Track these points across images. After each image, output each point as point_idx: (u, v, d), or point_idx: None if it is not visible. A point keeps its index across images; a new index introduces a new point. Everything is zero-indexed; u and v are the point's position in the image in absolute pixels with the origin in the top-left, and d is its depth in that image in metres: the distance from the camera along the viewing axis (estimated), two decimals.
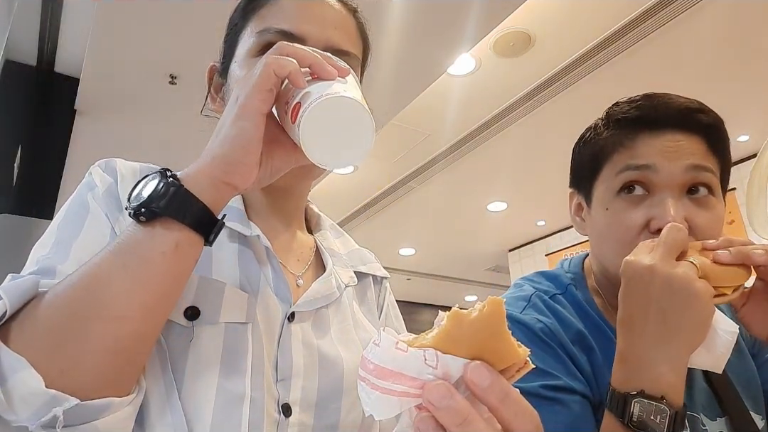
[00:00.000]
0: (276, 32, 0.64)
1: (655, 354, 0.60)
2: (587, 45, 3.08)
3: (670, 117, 0.77)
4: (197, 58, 2.72)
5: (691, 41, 3.04)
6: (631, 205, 0.75)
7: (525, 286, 0.84)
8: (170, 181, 0.49)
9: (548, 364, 0.71)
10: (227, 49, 0.71)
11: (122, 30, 2.63)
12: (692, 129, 0.76)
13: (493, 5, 2.53)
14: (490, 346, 0.37)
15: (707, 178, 0.74)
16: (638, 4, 2.81)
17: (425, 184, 4.79)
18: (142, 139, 3.49)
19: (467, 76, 3.32)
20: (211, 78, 0.74)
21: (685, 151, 0.74)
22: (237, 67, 0.67)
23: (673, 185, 0.73)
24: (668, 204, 0.71)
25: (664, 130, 0.76)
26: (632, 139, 0.78)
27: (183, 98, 3.07)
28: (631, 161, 0.76)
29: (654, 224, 0.71)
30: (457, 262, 6.85)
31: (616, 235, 0.76)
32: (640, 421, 0.59)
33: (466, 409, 0.36)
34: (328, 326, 0.68)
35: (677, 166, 0.73)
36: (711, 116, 0.78)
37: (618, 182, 0.76)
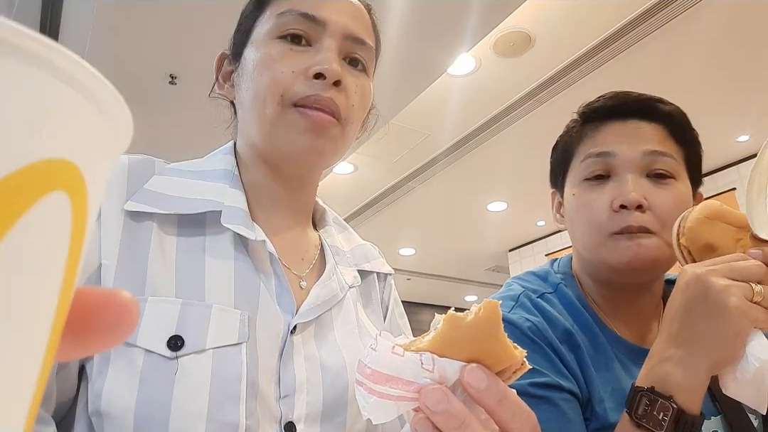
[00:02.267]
0: (298, 15, 0.65)
1: (672, 354, 0.61)
2: (587, 45, 3.07)
3: (630, 105, 0.82)
4: (197, 58, 2.73)
5: (691, 41, 3.04)
6: (595, 188, 0.79)
7: (514, 286, 0.86)
8: None
9: (536, 362, 0.71)
10: (240, 37, 0.71)
11: (122, 30, 2.63)
12: (651, 117, 0.80)
13: (493, 5, 2.53)
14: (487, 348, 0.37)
15: (666, 163, 0.77)
16: (638, 5, 2.81)
17: (425, 184, 4.79)
18: (142, 139, 3.49)
19: (467, 76, 3.31)
20: (219, 66, 0.73)
21: (644, 137, 0.79)
22: (254, 49, 0.67)
23: (632, 168, 0.77)
24: (628, 181, 0.75)
25: (625, 119, 0.81)
26: (595, 128, 0.83)
27: (183, 98, 3.07)
28: (593, 149, 0.81)
29: (616, 202, 0.75)
30: (457, 262, 6.85)
31: (584, 217, 0.80)
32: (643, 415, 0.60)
33: (462, 412, 0.36)
34: (331, 330, 0.66)
35: (636, 150, 0.78)
36: (670, 106, 0.82)
37: (583, 170, 0.81)
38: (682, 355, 0.60)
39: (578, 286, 0.86)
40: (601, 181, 0.79)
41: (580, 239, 0.83)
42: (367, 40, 0.69)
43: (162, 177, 0.65)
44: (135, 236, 0.59)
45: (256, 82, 0.64)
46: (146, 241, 0.59)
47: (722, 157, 4.42)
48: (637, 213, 0.74)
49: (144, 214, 0.60)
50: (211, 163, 0.70)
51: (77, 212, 0.14)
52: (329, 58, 0.63)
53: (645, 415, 0.60)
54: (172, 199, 0.62)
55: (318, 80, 0.63)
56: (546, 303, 0.81)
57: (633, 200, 0.74)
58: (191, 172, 0.68)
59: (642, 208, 0.74)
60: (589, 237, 0.80)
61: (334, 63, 0.63)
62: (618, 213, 0.75)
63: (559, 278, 0.87)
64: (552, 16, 2.88)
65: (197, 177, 0.67)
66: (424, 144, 4.14)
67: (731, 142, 4.20)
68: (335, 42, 0.65)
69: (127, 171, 0.63)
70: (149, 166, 0.66)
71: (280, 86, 0.63)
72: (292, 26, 0.65)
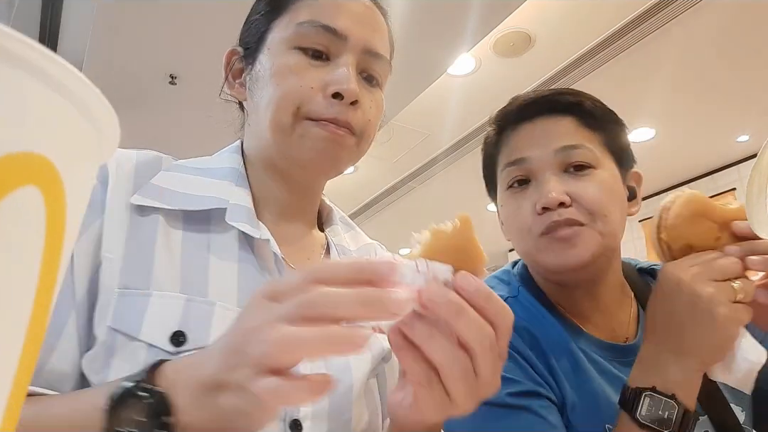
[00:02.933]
0: (319, 27, 0.64)
1: (668, 358, 0.62)
2: (587, 45, 3.08)
3: (535, 107, 0.81)
4: (197, 58, 2.74)
5: (691, 41, 3.04)
6: (519, 196, 0.79)
7: None
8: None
9: (509, 371, 0.71)
10: (253, 35, 0.70)
11: (122, 30, 2.63)
12: (558, 112, 0.79)
13: (493, 5, 2.53)
14: (464, 252, 0.45)
15: (580, 154, 0.76)
16: (638, 5, 2.81)
17: (425, 184, 4.79)
18: (142, 139, 3.49)
19: (467, 76, 3.32)
20: (229, 62, 0.72)
21: (553, 134, 0.78)
22: (270, 55, 0.66)
23: (549, 168, 0.76)
24: (545, 185, 0.74)
25: (532, 121, 0.80)
26: (508, 135, 0.83)
27: (183, 98, 3.07)
28: (508, 158, 0.81)
29: (538, 205, 0.74)
30: None
31: (513, 225, 0.80)
32: (649, 415, 0.60)
33: (460, 300, 0.41)
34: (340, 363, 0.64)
35: (547, 150, 0.77)
36: (577, 96, 0.81)
37: (504, 180, 0.82)
38: (677, 358, 0.62)
39: (537, 286, 0.85)
40: (523, 187, 0.79)
41: (516, 247, 0.83)
42: (385, 54, 0.70)
43: (168, 173, 0.65)
44: (141, 230, 0.59)
45: (272, 92, 0.64)
46: (152, 234, 0.59)
47: (722, 157, 4.42)
48: (561, 210, 0.73)
49: (150, 208, 0.60)
50: (218, 161, 0.70)
51: (52, 209, 0.14)
52: (348, 77, 0.63)
53: (650, 414, 0.60)
54: (178, 195, 0.62)
55: (336, 99, 0.63)
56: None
57: (553, 200, 0.73)
58: (197, 169, 0.68)
59: (565, 205, 0.73)
60: (521, 243, 0.80)
61: (353, 82, 0.63)
62: (542, 215, 0.74)
63: (517, 280, 0.87)
64: (552, 16, 2.88)
65: (203, 174, 0.67)
66: (424, 144, 4.15)
67: (731, 142, 4.20)
68: (354, 57, 0.65)
69: (134, 166, 0.63)
70: (156, 162, 0.67)
71: (296, 99, 0.63)
72: (312, 40, 0.64)
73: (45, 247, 0.14)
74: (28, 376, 0.15)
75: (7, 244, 0.13)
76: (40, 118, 0.13)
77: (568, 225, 0.73)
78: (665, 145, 4.07)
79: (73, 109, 0.14)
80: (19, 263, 0.13)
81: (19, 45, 0.12)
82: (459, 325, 0.40)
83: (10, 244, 0.13)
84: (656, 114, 3.68)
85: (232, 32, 0.76)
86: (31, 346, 0.14)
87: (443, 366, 0.41)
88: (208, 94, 0.74)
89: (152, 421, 0.41)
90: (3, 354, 0.13)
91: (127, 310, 0.54)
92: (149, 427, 0.41)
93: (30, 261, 0.14)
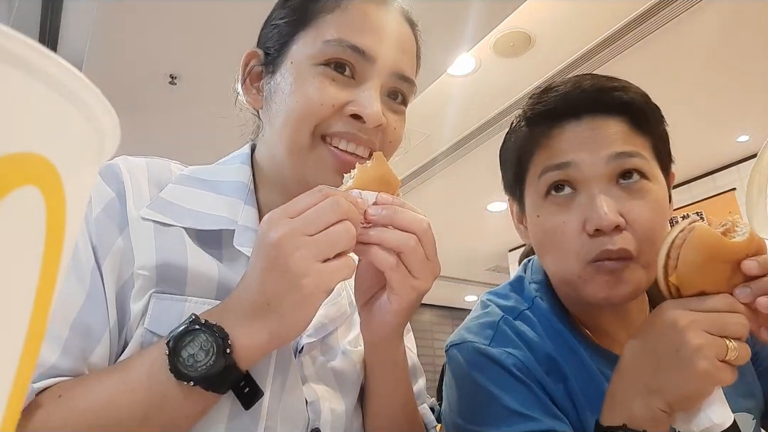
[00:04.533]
0: (348, 47, 0.62)
1: (634, 395, 0.60)
2: (587, 45, 3.07)
3: (580, 103, 0.71)
4: (197, 58, 2.74)
5: (691, 41, 3.04)
6: (562, 208, 0.70)
7: (491, 307, 0.80)
8: (228, 361, 0.49)
9: (527, 407, 0.68)
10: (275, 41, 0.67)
11: (122, 30, 2.63)
12: (608, 111, 0.70)
13: (493, 5, 2.53)
14: (383, 179, 0.59)
15: (634, 163, 0.68)
16: (638, 5, 2.81)
17: (425, 184, 4.79)
18: (142, 139, 3.49)
19: (467, 76, 3.32)
20: (248, 64, 0.70)
21: (604, 138, 0.69)
22: (293, 69, 0.64)
23: (599, 178, 0.68)
24: (598, 202, 0.66)
25: (578, 119, 0.70)
26: (547, 135, 0.72)
27: (183, 98, 3.07)
28: (550, 161, 0.71)
29: (589, 226, 0.66)
30: (457, 262, 6.85)
31: (554, 244, 0.70)
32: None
33: (394, 201, 0.58)
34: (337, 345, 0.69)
35: (598, 157, 0.68)
36: (628, 92, 0.71)
37: (543, 185, 0.71)
38: (642, 396, 0.59)
39: (554, 295, 0.79)
40: (565, 196, 0.70)
41: (551, 267, 0.75)
42: (412, 75, 0.68)
43: (178, 186, 0.65)
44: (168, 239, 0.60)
45: (291, 108, 0.63)
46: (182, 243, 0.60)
47: (722, 157, 4.42)
48: (615, 235, 0.66)
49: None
50: (227, 173, 0.69)
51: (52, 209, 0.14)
52: (372, 101, 0.62)
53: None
54: (188, 212, 0.63)
55: (355, 120, 0.62)
56: (525, 324, 0.76)
57: (609, 223, 0.65)
58: (206, 182, 0.67)
59: (619, 228, 0.66)
60: (562, 266, 0.71)
61: (377, 107, 0.62)
62: (594, 238, 0.66)
63: (534, 289, 0.80)
64: (552, 16, 2.88)
65: (212, 188, 0.67)
66: (424, 144, 4.14)
67: (731, 142, 4.20)
68: (380, 80, 0.64)
69: (147, 178, 0.64)
70: (166, 171, 0.67)
71: (315, 117, 0.62)
72: (338, 56, 0.63)
73: (45, 247, 0.14)
74: (29, 375, 0.15)
75: (7, 244, 0.13)
76: (40, 118, 0.13)
77: (620, 257, 0.66)
78: None
79: (73, 109, 0.14)
80: (19, 263, 0.13)
81: (19, 45, 0.12)
82: (398, 219, 0.55)
83: (10, 244, 0.13)
84: None
85: (232, 32, 0.76)
86: (32, 346, 0.14)
87: (400, 245, 0.55)
88: (208, 94, 0.74)
89: (215, 349, 0.48)
90: (3, 354, 0.13)
91: (164, 313, 0.56)
92: (213, 354, 0.48)
93: (30, 261, 0.14)
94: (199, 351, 0.48)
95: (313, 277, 0.48)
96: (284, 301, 0.49)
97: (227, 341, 0.49)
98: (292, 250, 0.48)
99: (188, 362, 0.48)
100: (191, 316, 0.51)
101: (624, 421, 0.59)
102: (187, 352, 0.48)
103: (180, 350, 0.48)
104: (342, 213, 0.51)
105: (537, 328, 0.75)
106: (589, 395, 0.70)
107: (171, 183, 0.65)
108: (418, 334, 6.88)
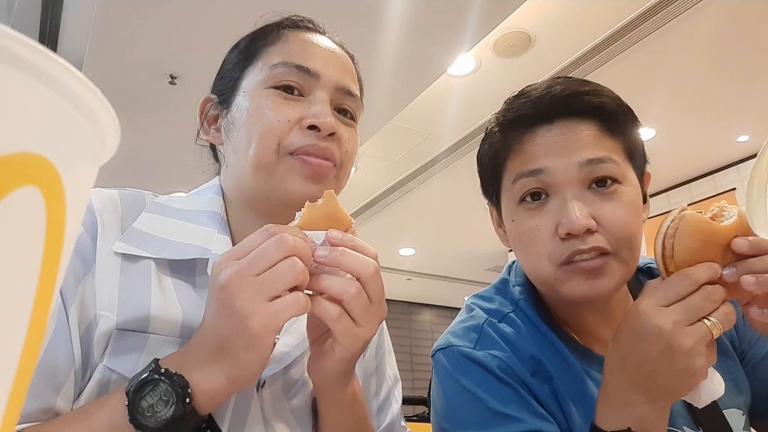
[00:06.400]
0: (293, 66, 0.67)
1: (639, 399, 0.61)
2: (587, 45, 3.07)
3: (551, 108, 0.71)
4: (197, 58, 2.73)
5: (691, 41, 3.04)
6: (535, 213, 0.71)
7: (475, 311, 0.81)
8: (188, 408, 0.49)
9: (512, 408, 0.68)
10: (227, 83, 0.72)
11: (122, 30, 2.63)
12: (579, 115, 0.70)
13: (493, 5, 2.53)
14: (333, 218, 0.56)
15: (606, 169, 0.68)
16: (638, 5, 2.81)
17: (425, 184, 4.79)
18: (142, 139, 3.49)
19: (467, 76, 3.32)
20: (203, 110, 0.74)
21: (576, 143, 0.69)
22: (247, 98, 0.68)
23: (571, 183, 0.68)
24: (570, 206, 0.67)
25: (549, 124, 0.71)
26: (520, 141, 0.73)
27: (183, 98, 3.07)
28: (523, 167, 0.71)
29: (561, 229, 0.67)
30: (457, 262, 6.85)
31: (528, 248, 0.72)
32: None
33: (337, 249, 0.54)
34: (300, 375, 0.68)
35: (570, 162, 0.68)
36: (599, 96, 0.71)
37: (517, 192, 0.72)
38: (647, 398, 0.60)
39: (537, 296, 0.79)
40: (539, 202, 0.71)
41: (528, 271, 0.76)
42: (356, 91, 0.72)
43: (151, 215, 0.66)
44: (133, 275, 0.60)
45: (250, 131, 0.66)
46: (146, 279, 0.60)
47: (722, 157, 4.42)
48: (587, 237, 0.66)
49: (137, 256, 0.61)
50: (201, 203, 0.71)
51: (52, 209, 0.14)
52: (324, 111, 0.65)
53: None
54: (161, 242, 0.63)
55: (312, 131, 0.65)
56: (509, 326, 0.76)
57: (580, 227, 0.65)
58: (180, 211, 0.68)
59: (591, 231, 0.66)
60: (537, 269, 0.72)
61: (329, 116, 0.66)
62: (565, 241, 0.67)
63: (518, 292, 0.80)
64: (552, 16, 2.88)
65: (186, 218, 0.68)
66: (424, 144, 4.14)
67: (731, 142, 4.20)
68: (327, 94, 0.68)
69: (120, 209, 0.64)
70: (139, 201, 0.68)
71: (275, 135, 0.64)
72: (285, 78, 0.67)
73: (45, 247, 0.14)
74: (29, 375, 0.15)
75: (7, 244, 0.13)
76: (40, 118, 0.13)
77: (594, 255, 0.66)
78: (665, 145, 4.07)
79: (73, 109, 0.14)
80: (19, 263, 0.13)
81: (20, 45, 0.12)
82: (344, 262, 0.53)
83: (10, 244, 0.13)
84: (656, 114, 3.68)
85: (232, 32, 0.76)
86: (32, 346, 0.14)
87: (342, 293, 0.53)
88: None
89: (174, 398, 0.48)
90: (3, 353, 0.13)
91: (124, 350, 0.56)
92: (173, 404, 0.48)
93: (30, 261, 0.14)
94: (159, 401, 0.48)
95: (258, 316, 0.48)
96: (236, 344, 0.49)
97: (186, 390, 0.49)
98: (238, 291, 0.48)
99: (148, 413, 0.48)
100: (151, 364, 0.51)
101: (629, 424, 0.60)
102: (147, 402, 0.48)
103: (139, 401, 0.48)
104: (287, 249, 0.50)
105: (521, 330, 0.76)
106: (574, 394, 0.71)
107: (145, 212, 0.66)
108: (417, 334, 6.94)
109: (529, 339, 0.75)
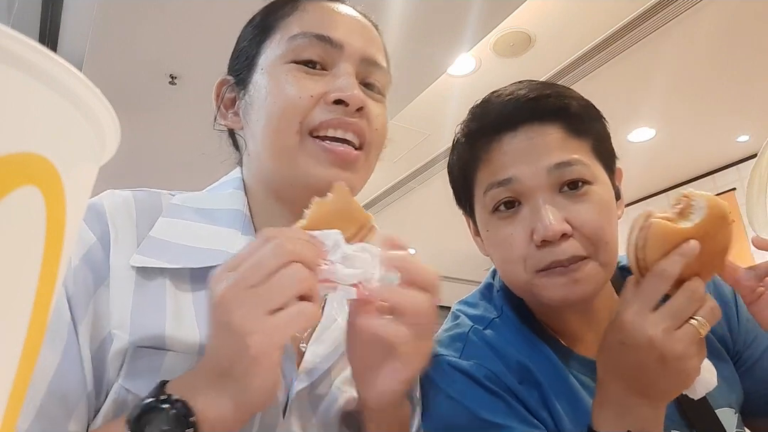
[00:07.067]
0: (312, 37, 0.61)
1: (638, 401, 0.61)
2: (587, 45, 3.07)
3: (515, 114, 0.70)
4: (197, 58, 2.73)
5: (691, 41, 3.04)
6: (508, 221, 0.70)
7: (461, 318, 0.80)
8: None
9: (501, 417, 0.67)
10: (243, 61, 0.67)
11: (122, 30, 2.63)
12: (543, 119, 0.70)
13: (493, 5, 2.53)
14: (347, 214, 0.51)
15: (575, 171, 0.68)
16: (638, 5, 2.81)
17: (425, 184, 4.79)
18: (142, 139, 3.49)
19: (467, 76, 3.31)
20: (219, 93, 0.69)
21: (542, 148, 0.68)
22: (264, 75, 0.63)
23: (542, 188, 0.68)
24: (543, 212, 0.66)
25: (515, 130, 0.70)
26: (487, 150, 0.72)
27: (183, 98, 3.07)
28: (492, 177, 0.70)
29: (536, 236, 0.66)
30: (457, 262, 6.84)
31: (504, 256, 0.71)
32: None
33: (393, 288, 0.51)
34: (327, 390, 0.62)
35: (539, 168, 0.68)
36: (562, 98, 0.71)
37: (489, 202, 0.71)
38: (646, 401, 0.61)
39: (520, 302, 0.78)
40: (512, 210, 0.70)
41: (506, 278, 0.75)
42: (383, 62, 0.67)
43: (168, 219, 0.61)
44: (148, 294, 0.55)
45: (270, 110, 0.61)
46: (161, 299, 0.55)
47: (722, 157, 4.42)
48: (563, 243, 0.66)
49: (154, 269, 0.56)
50: (221, 200, 0.65)
51: (52, 209, 0.14)
52: (351, 84, 0.60)
53: None
54: (180, 249, 0.58)
55: (338, 106, 0.60)
56: (495, 333, 0.75)
57: (555, 232, 0.65)
58: (198, 212, 0.63)
59: (566, 236, 0.66)
60: (514, 276, 0.71)
61: (356, 88, 0.60)
62: (541, 248, 0.66)
63: (501, 297, 0.79)
64: (552, 16, 2.88)
65: (207, 218, 0.62)
66: (424, 144, 4.14)
67: (731, 142, 4.19)
68: (353, 66, 0.62)
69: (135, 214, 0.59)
70: (155, 204, 0.62)
71: (297, 113, 0.60)
72: (307, 52, 0.61)
73: (45, 247, 0.14)
74: (29, 375, 0.15)
75: (7, 243, 0.13)
76: (40, 118, 0.13)
77: (572, 262, 0.66)
78: (665, 145, 4.07)
79: (73, 109, 0.14)
80: (20, 263, 0.13)
81: (20, 45, 0.12)
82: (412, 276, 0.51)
83: (10, 244, 0.13)
84: (656, 114, 3.68)
85: (232, 32, 0.75)
86: (32, 345, 0.14)
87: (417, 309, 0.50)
88: (208, 94, 0.72)
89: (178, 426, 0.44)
90: (4, 353, 0.13)
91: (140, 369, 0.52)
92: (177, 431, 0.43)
93: (30, 261, 0.14)
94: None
95: (258, 333, 0.43)
96: (238, 366, 0.44)
97: (189, 418, 0.44)
98: (235, 307, 0.43)
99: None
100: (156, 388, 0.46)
101: (629, 426, 0.61)
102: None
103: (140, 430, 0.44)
104: (286, 255, 0.44)
105: (507, 336, 0.75)
106: (563, 399, 0.71)
107: (162, 216, 0.61)
108: None
109: (515, 345, 0.74)
